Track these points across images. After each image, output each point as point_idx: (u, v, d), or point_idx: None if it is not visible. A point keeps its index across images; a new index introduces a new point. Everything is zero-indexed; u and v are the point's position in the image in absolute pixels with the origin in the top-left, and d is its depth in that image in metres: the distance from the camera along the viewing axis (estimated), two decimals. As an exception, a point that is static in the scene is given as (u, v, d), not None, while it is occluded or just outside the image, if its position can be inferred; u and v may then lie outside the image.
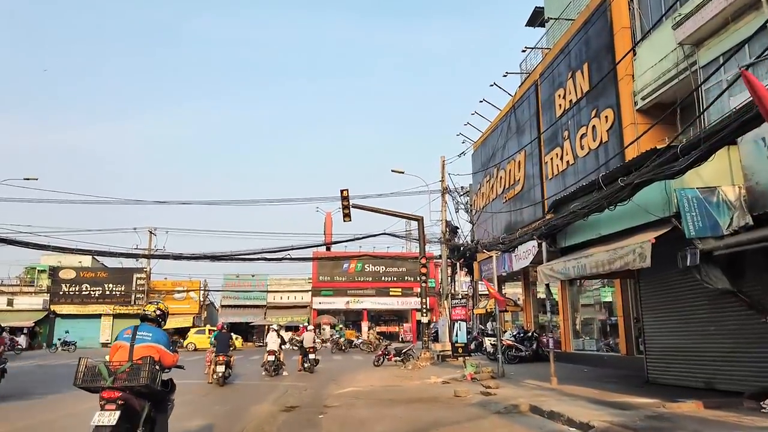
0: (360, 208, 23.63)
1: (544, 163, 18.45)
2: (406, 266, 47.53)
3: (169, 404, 5.66)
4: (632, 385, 11.80)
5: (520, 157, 20.51)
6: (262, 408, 10.97)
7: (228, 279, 46.68)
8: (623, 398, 9.67)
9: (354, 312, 47.80)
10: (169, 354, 5.55)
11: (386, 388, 14.26)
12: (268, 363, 17.71)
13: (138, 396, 5.11)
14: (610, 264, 9.57)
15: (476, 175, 26.62)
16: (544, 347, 20.41)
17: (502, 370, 15.32)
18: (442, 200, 25.14)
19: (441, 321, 24.71)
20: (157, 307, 5.81)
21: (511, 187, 21.53)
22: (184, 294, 45.71)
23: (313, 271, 46.80)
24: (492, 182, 23.86)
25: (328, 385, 15.51)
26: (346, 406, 10.96)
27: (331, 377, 17.63)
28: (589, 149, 15.57)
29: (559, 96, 17.31)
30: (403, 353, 21.97)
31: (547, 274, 11.81)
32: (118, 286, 45.59)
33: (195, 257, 30.16)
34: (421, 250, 23.19)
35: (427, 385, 14.66)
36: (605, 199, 9.78)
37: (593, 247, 10.72)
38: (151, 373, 5.12)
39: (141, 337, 5.38)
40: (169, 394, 5.63)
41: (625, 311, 15.53)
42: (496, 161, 23.30)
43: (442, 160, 25.54)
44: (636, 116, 13.67)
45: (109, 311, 45.01)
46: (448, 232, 24.57)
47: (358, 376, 17.73)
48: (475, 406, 10.14)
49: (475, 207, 27.00)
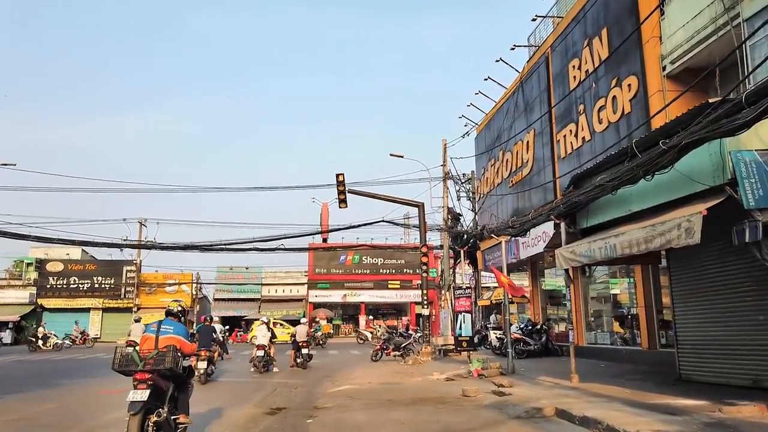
0: (356, 193, 22.22)
1: (556, 142, 17.03)
2: (404, 258, 46.19)
3: (189, 386, 6.66)
4: (663, 382, 10.44)
5: (529, 137, 19.10)
6: (243, 411, 9.60)
7: (221, 271, 45.26)
8: (663, 399, 8.29)
9: (351, 305, 46.48)
10: (188, 344, 6.53)
11: (385, 386, 12.90)
12: (257, 358, 16.33)
13: (163, 378, 6.03)
14: (647, 243, 8.18)
15: (479, 159, 25.20)
16: (555, 341, 19.09)
17: (512, 365, 13.95)
18: (444, 186, 23.74)
19: (443, 314, 23.35)
20: (179, 304, 6.82)
21: (518, 169, 20.12)
22: (175, 287, 44.29)
23: (309, 263, 45.43)
24: (497, 166, 22.44)
25: (321, 382, 14.16)
26: (339, 407, 9.59)
27: (325, 373, 16.29)
28: (608, 123, 14.15)
29: (574, 67, 15.87)
30: (402, 348, 20.62)
31: (568, 257, 10.42)
32: (107, 279, 44.15)
33: (184, 247, 28.76)
34: (422, 237, 21.80)
35: (430, 383, 13.30)
36: (640, 168, 8.38)
37: (623, 225, 9.32)
38: (174, 359, 6.03)
39: (165, 330, 6.34)
40: (188, 377, 6.67)
41: (646, 301, 14.16)
42: (501, 143, 21.89)
43: (443, 143, 24.12)
44: (664, 83, 12.26)
45: (98, 305, 43.61)
46: (450, 219, 23.16)
47: (354, 372, 16.40)
48: (488, 408, 8.75)
49: (479, 194, 25.59)
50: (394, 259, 46.30)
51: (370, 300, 45.79)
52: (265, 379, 14.87)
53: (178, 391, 6.33)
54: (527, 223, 13.26)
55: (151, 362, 5.95)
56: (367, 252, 45.91)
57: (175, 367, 6.06)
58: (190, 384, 6.80)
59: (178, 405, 6.32)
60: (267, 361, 16.52)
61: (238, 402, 10.46)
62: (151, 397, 5.79)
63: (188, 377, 6.72)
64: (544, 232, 17.57)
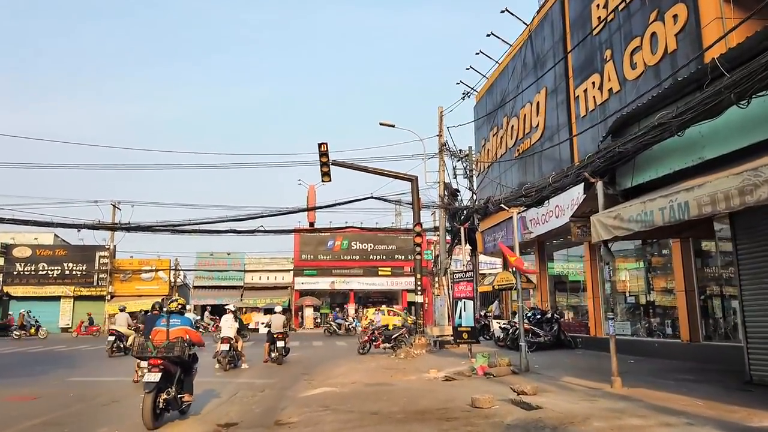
0: (342, 165, 19.62)
1: (574, 99, 14.54)
2: (396, 244, 43.74)
3: (193, 371, 7.92)
4: (731, 387, 8.06)
5: (539, 97, 16.58)
6: (177, 428, 7.11)
7: (201, 257, 42.51)
8: (762, 418, 5.87)
9: (340, 293, 44.01)
10: (195, 333, 7.91)
11: (372, 388, 10.45)
12: (220, 353, 13.83)
13: (173, 363, 7.23)
14: (744, 196, 5.71)
15: (480, 130, 22.66)
16: (567, 331, 16.72)
17: (525, 362, 11.52)
18: (440, 158, 21.19)
19: (438, 301, 20.90)
20: (178, 303, 8.02)
21: (526, 136, 17.61)
22: (152, 274, 41.55)
23: (295, 248, 42.84)
24: (500, 135, 19.91)
25: (296, 382, 11.70)
26: (306, 424, 7.10)
27: (303, 370, 13.84)
28: (644, 67, 11.65)
29: (598, 6, 13.34)
30: (393, 339, 18.21)
31: (610, 225, 7.94)
32: (78, 265, 41.26)
33: (153, 227, 26.10)
34: (415, 215, 19.27)
35: (426, 384, 10.87)
36: (730, 90, 5.89)
37: (692, 179, 6.85)
38: (182, 348, 7.26)
39: (173, 323, 7.56)
40: (193, 363, 7.90)
41: (687, 283, 11.76)
42: (506, 109, 19.36)
43: (439, 111, 21.53)
44: (723, 8, 9.75)
45: (69, 293, 40.73)
46: (447, 195, 20.64)
47: (337, 369, 13.97)
48: (515, 430, 6.27)
49: (478, 169, 23.08)
50: (385, 245, 43.83)
51: (360, 288, 43.34)
52: (228, 379, 12.36)
53: (184, 374, 7.50)
54: (545, 189, 10.77)
55: (163, 350, 7.10)
56: (356, 237, 43.42)
57: (182, 355, 7.23)
58: (195, 369, 7.93)
59: (184, 386, 7.51)
60: (233, 356, 14.03)
61: (176, 414, 7.93)
62: (162, 379, 6.92)
63: (193, 363, 7.85)
64: (557, 206, 15.13)
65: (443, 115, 21.45)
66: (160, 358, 7.03)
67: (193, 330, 7.77)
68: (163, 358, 7.05)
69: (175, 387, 7.15)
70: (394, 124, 21.30)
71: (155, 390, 6.78)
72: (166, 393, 6.97)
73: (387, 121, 21.34)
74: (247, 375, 13.02)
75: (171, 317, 7.59)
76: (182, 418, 7.62)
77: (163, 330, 7.39)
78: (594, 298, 15.41)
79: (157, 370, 6.90)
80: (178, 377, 7.27)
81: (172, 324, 7.46)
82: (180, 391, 7.32)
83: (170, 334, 7.30)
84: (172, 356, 7.10)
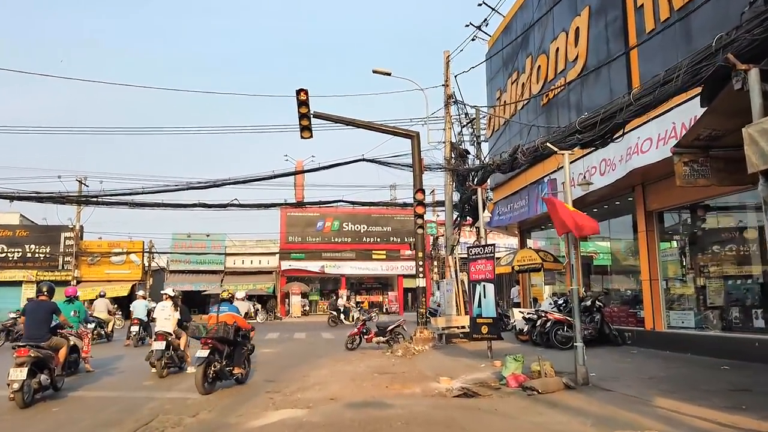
0: (326, 117, 15.86)
1: (637, 8, 10.78)
2: (391, 225, 40.14)
3: (245, 348, 9.31)
4: None
5: (580, 20, 12.85)
6: None
7: (177, 239, 38.68)
8: None
9: (330, 279, 40.40)
10: (242, 318, 9.51)
11: (357, 413, 6.87)
12: (154, 355, 10.17)
13: (221, 342, 8.63)
14: None
15: (493, 81, 18.86)
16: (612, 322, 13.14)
17: (584, 371, 7.90)
18: (446, 112, 17.47)
19: (443, 286, 17.28)
20: (228, 292, 9.69)
21: (559, 75, 13.87)
22: (123, 257, 37.74)
23: (281, 230, 39.13)
24: (522, 81, 16.15)
25: (252, 397, 8.17)
26: None
27: (269, 375, 10.35)
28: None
29: None
30: (388, 331, 14.69)
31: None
32: (42, 247, 37.41)
33: (108, 201, 22.34)
34: (417, 179, 15.57)
35: (438, 404, 7.34)
36: None
37: None
38: (226, 330, 8.67)
39: (222, 310, 9.00)
40: (244, 340, 9.31)
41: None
42: (528, 48, 15.62)
43: (445, 57, 17.77)
44: None
45: (31, 277, 36.83)
46: (455, 156, 16.95)
47: (315, 373, 10.46)
48: None
49: (491, 128, 19.34)
50: (380, 226, 40.17)
51: (352, 272, 39.71)
52: (155, 393, 8.70)
53: (233, 350, 8.97)
54: (623, 111, 7.05)
55: (213, 332, 8.60)
56: (347, 218, 39.77)
57: (227, 335, 8.67)
58: (246, 346, 9.41)
59: (234, 360, 8.92)
60: (172, 358, 10.37)
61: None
62: (211, 354, 8.38)
63: (244, 340, 9.31)
64: (603, 160, 11.47)
65: (450, 61, 17.69)
66: (210, 338, 8.45)
67: (239, 315, 9.41)
68: (211, 338, 8.45)
69: (224, 360, 8.61)
70: (390, 72, 17.54)
71: (205, 363, 8.19)
72: (214, 366, 8.35)
73: (382, 69, 17.59)
74: (186, 385, 9.36)
75: (221, 305, 9.13)
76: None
77: (215, 315, 8.89)
78: (651, 281, 11.81)
79: (207, 347, 8.31)
80: (226, 353, 8.74)
81: (221, 310, 8.95)
82: (229, 364, 8.75)
83: (219, 318, 8.77)
84: (219, 336, 8.55)
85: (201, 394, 8.07)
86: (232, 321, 8.93)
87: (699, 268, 11.38)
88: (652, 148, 10.01)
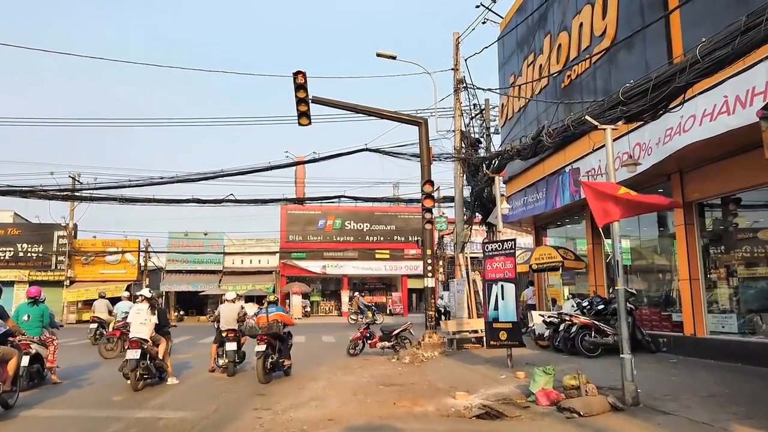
0: (325, 103, 14.57)
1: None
2: (395, 223, 38.84)
3: (289, 343, 10.56)
4: None
5: (607, -10, 11.51)
6: None
7: (174, 238, 37.46)
8: None
9: (332, 279, 39.13)
10: (287, 317, 10.69)
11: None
12: (128, 365, 8.85)
13: (273, 338, 9.78)
14: None
15: (507, 65, 17.53)
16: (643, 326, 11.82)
17: (633, 389, 6.59)
18: (456, 99, 16.17)
19: (455, 285, 15.97)
20: (275, 296, 11.33)
21: (584, 51, 12.52)
22: (118, 256, 36.53)
23: (282, 228, 37.87)
24: (540, 62, 14.82)
25: (237, 417, 6.89)
26: None
27: (260, 388, 9.08)
28: None
29: None
30: (394, 336, 13.43)
31: None
32: (34, 246, 36.25)
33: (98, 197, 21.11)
34: (425, 170, 14.26)
35: (455, 426, 6.08)
36: None
37: None
38: (276, 327, 9.92)
39: (271, 311, 10.18)
40: (288, 338, 10.53)
41: None
42: (547, 26, 14.31)
43: (455, 39, 16.48)
44: None
45: (24, 277, 35.69)
46: (465, 146, 15.64)
47: (312, 385, 9.19)
48: None
49: (504, 117, 18.02)
50: (383, 225, 38.87)
51: (354, 272, 38.44)
52: (125, 411, 7.42)
53: (282, 345, 10.07)
54: (684, 73, 5.73)
55: (266, 329, 9.76)
56: (350, 216, 38.49)
57: (278, 332, 9.92)
58: (290, 342, 10.64)
59: (283, 353, 10.02)
60: (148, 368, 9.07)
61: None
62: (268, 348, 9.51)
63: (288, 338, 10.51)
64: (637, 144, 10.15)
65: (460, 44, 16.39)
66: (264, 334, 9.68)
67: (285, 315, 10.75)
68: (266, 334, 9.69)
69: (276, 354, 9.79)
70: (395, 55, 16.24)
71: (263, 356, 9.41)
72: (270, 358, 9.56)
73: (386, 52, 16.29)
74: (162, 400, 8.09)
75: (269, 306, 10.42)
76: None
77: (265, 316, 10.11)
78: (692, 281, 10.48)
79: (264, 343, 9.52)
80: (276, 347, 9.87)
81: (270, 311, 10.21)
82: (280, 356, 9.92)
83: (269, 318, 9.99)
84: (272, 332, 9.80)
85: (261, 382, 9.25)
86: (281, 319, 10.16)
87: (738, 266, 10.07)
88: (695, 126, 8.69)
